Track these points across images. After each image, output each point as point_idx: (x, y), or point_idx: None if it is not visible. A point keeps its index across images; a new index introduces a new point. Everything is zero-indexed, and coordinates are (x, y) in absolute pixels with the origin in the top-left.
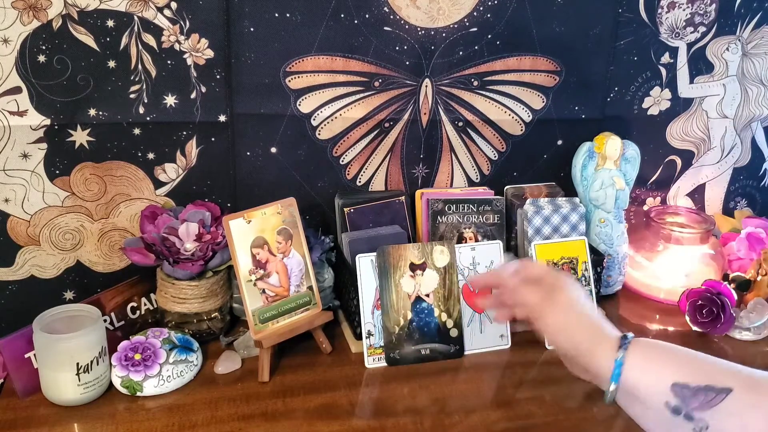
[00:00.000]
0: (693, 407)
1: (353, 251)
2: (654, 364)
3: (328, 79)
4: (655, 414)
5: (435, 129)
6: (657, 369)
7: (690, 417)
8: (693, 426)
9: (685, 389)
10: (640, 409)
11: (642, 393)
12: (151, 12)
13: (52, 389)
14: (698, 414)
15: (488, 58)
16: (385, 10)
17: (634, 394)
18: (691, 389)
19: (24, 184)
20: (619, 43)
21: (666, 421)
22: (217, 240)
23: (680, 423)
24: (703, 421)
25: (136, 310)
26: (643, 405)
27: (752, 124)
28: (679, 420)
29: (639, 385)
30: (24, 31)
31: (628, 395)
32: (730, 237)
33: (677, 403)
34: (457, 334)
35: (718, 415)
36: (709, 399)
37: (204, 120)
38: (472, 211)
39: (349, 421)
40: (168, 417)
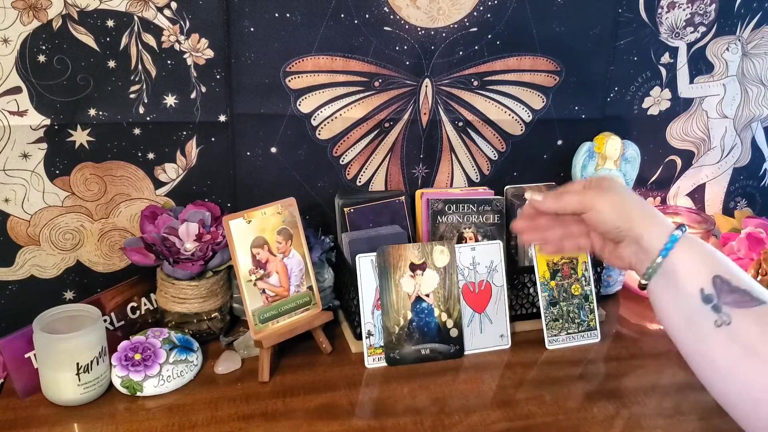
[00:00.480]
0: (725, 301)
1: (353, 251)
2: (704, 255)
3: (328, 79)
4: (683, 300)
5: (435, 129)
6: (705, 259)
7: (718, 308)
8: (716, 318)
9: (725, 284)
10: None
11: (681, 275)
12: (151, 12)
13: (52, 389)
14: (727, 309)
15: (488, 58)
16: (385, 10)
17: (673, 276)
18: (731, 286)
19: (24, 184)
20: (619, 43)
21: (692, 308)
22: (217, 240)
23: (705, 312)
24: (728, 317)
25: (136, 310)
26: (675, 290)
27: (752, 124)
28: (706, 309)
29: (683, 266)
30: (24, 31)
31: (666, 277)
32: (730, 237)
33: (712, 292)
34: (457, 334)
35: (744, 317)
36: (744, 300)
37: (204, 120)
38: (472, 211)
39: (349, 421)
40: (168, 417)
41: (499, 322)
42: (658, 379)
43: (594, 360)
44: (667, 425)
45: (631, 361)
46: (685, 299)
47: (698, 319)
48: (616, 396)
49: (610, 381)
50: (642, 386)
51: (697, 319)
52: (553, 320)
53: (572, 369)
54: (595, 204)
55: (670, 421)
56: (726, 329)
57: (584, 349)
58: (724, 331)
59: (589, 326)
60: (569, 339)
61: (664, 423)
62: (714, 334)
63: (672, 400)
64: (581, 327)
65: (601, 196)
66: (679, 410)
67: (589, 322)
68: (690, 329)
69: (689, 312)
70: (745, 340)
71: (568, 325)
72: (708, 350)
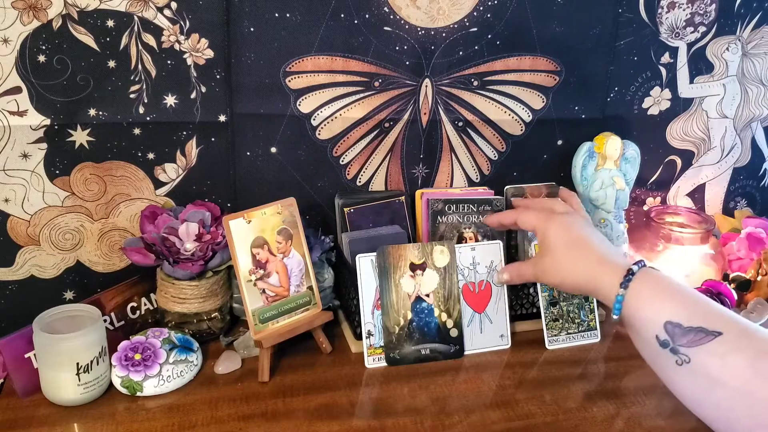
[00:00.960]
0: (680, 343)
1: (353, 251)
2: (652, 301)
3: (328, 79)
4: (645, 345)
5: (435, 129)
6: (654, 306)
7: (675, 351)
8: (676, 358)
9: (677, 328)
10: (633, 335)
11: (636, 324)
12: (151, 12)
13: (52, 389)
14: (683, 350)
15: (488, 58)
16: (385, 10)
17: (632, 325)
18: (683, 329)
19: (24, 184)
20: (619, 43)
21: (653, 352)
22: (217, 240)
23: (665, 354)
24: (686, 356)
25: (136, 310)
26: (636, 336)
27: (752, 124)
28: (665, 352)
29: (637, 317)
30: (24, 31)
31: (627, 325)
32: (730, 237)
33: (666, 338)
34: (457, 334)
35: (702, 353)
36: (698, 339)
37: (204, 120)
38: (472, 211)
39: (349, 421)
40: (168, 417)
41: (499, 322)
42: (658, 379)
43: (594, 360)
44: (667, 425)
45: (631, 361)
46: (646, 344)
47: (660, 361)
48: (616, 396)
49: (610, 381)
50: (642, 386)
51: (659, 360)
52: (553, 320)
53: (572, 369)
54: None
55: (670, 421)
56: (687, 367)
57: (584, 349)
58: (685, 368)
59: (589, 326)
60: (569, 339)
61: (664, 423)
62: (678, 373)
63: (672, 400)
64: (581, 327)
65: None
66: (679, 410)
67: (589, 322)
68: (657, 367)
69: (652, 355)
70: (707, 374)
71: (568, 325)
72: (676, 386)
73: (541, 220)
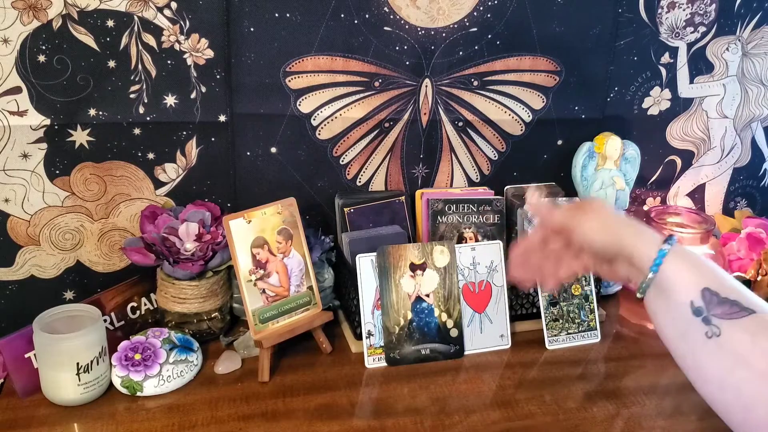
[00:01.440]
0: (714, 313)
1: (353, 251)
2: (692, 267)
3: (328, 79)
4: (675, 311)
5: (435, 129)
6: (694, 271)
7: (707, 321)
8: (707, 330)
9: (714, 296)
10: (663, 308)
11: (672, 288)
12: (151, 12)
13: (52, 389)
14: (716, 320)
15: (488, 58)
16: (385, 10)
17: (665, 290)
18: (720, 298)
19: (24, 184)
20: (619, 43)
21: (683, 320)
22: (217, 240)
23: (695, 324)
24: (717, 328)
25: (136, 310)
26: (667, 303)
27: (752, 124)
28: (696, 321)
29: (673, 280)
30: (24, 31)
31: (658, 291)
32: (730, 237)
33: (701, 305)
34: (457, 334)
35: (734, 328)
36: (732, 312)
37: (204, 120)
38: (472, 211)
39: (349, 421)
40: (168, 417)
41: (499, 322)
42: (658, 379)
43: (594, 360)
44: (667, 425)
45: (631, 361)
46: (677, 312)
47: (690, 331)
48: (616, 396)
49: (610, 381)
50: (642, 386)
51: (688, 331)
52: (553, 320)
53: (572, 369)
54: (581, 224)
55: (670, 421)
56: (716, 340)
57: (584, 349)
58: (714, 342)
59: (589, 326)
60: (569, 339)
61: (664, 423)
62: (705, 346)
63: (672, 400)
64: (581, 327)
65: (586, 216)
66: (679, 410)
67: (589, 322)
68: (683, 341)
69: (681, 324)
70: (735, 351)
71: (568, 325)
72: (700, 361)
73: (573, 205)
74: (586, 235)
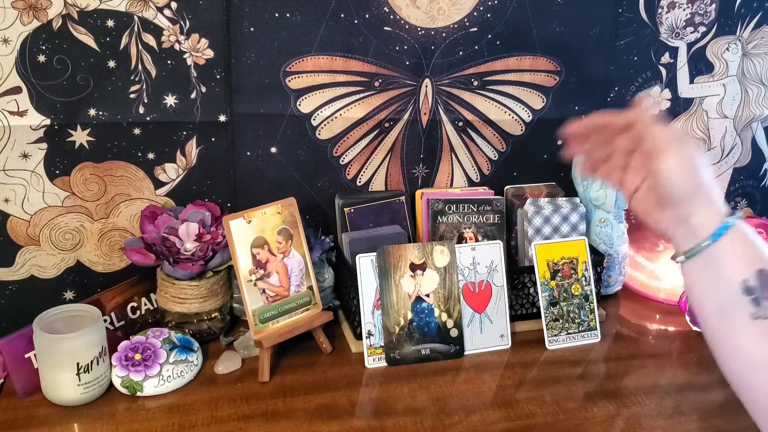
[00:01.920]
0: (766, 296)
1: (353, 251)
2: (751, 246)
3: (328, 79)
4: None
5: (435, 129)
6: (753, 251)
7: (758, 301)
8: (755, 311)
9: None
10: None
11: (726, 263)
12: (151, 12)
13: (52, 389)
14: (767, 303)
15: (488, 58)
16: (385, 10)
17: (716, 262)
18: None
19: (24, 184)
20: (619, 43)
21: (730, 297)
22: (217, 240)
23: (743, 303)
24: (766, 311)
25: (136, 310)
26: (715, 275)
27: (752, 124)
28: (745, 300)
29: (729, 254)
30: (24, 31)
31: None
32: None
33: (755, 284)
34: (457, 334)
35: None
36: None
37: (204, 120)
38: (472, 211)
39: (349, 421)
40: (168, 417)
41: (500, 322)
42: (658, 379)
43: (594, 360)
44: (667, 425)
45: (631, 361)
46: (725, 287)
47: (734, 309)
48: (616, 396)
49: (610, 381)
50: (642, 386)
51: (732, 308)
52: (554, 320)
53: (572, 369)
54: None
55: (670, 421)
56: (762, 323)
57: (584, 349)
58: (759, 324)
59: (589, 326)
60: (569, 339)
61: (664, 423)
62: (748, 327)
63: (672, 400)
64: (581, 327)
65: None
66: (679, 410)
67: (589, 322)
68: (723, 317)
69: (726, 300)
70: None
71: (569, 325)
72: (739, 341)
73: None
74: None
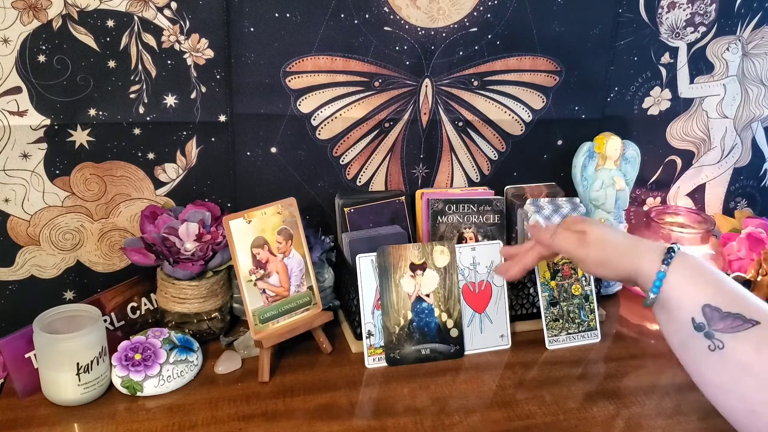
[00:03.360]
0: (716, 328)
1: (353, 251)
2: (692, 283)
3: (328, 79)
4: (678, 327)
5: (435, 129)
6: (696, 288)
7: (710, 335)
8: (709, 343)
9: (715, 312)
10: (666, 320)
11: (673, 305)
12: (151, 12)
13: (52, 389)
14: (719, 335)
15: (488, 58)
16: (385, 10)
17: (667, 305)
18: (721, 314)
19: (24, 184)
20: (619, 43)
21: (685, 333)
22: (217, 240)
23: (698, 338)
24: (720, 342)
25: (136, 310)
26: (669, 317)
27: (752, 124)
28: (698, 336)
29: (675, 296)
30: (24, 31)
31: (661, 305)
32: (730, 237)
33: (702, 321)
34: (457, 334)
35: (737, 340)
36: (735, 325)
37: (204, 120)
38: (472, 211)
39: (349, 421)
40: (168, 417)
41: (500, 322)
42: (658, 379)
43: (594, 360)
44: (667, 425)
45: (631, 361)
46: (679, 326)
47: (692, 344)
48: (616, 396)
49: (610, 381)
50: (642, 386)
51: (690, 343)
52: (554, 320)
53: (572, 369)
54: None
55: (670, 421)
56: (719, 353)
57: (584, 349)
58: (717, 354)
59: (590, 326)
60: (569, 339)
61: (664, 423)
62: (708, 358)
63: (672, 400)
64: (581, 327)
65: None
66: (679, 410)
67: (590, 322)
68: (686, 351)
69: (683, 337)
70: (739, 361)
71: (569, 325)
72: (704, 370)
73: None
74: (590, 269)
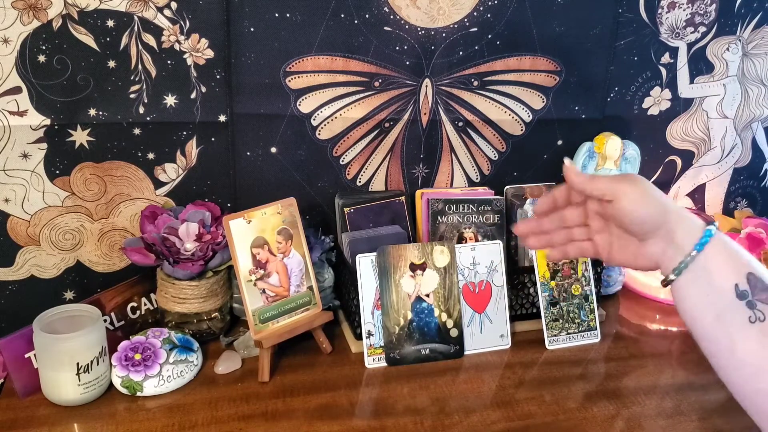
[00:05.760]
0: (759, 298)
1: (353, 251)
2: (735, 252)
3: (328, 79)
4: (716, 296)
5: (435, 129)
6: (737, 256)
7: (752, 305)
8: (750, 314)
9: (758, 281)
10: (700, 291)
11: (715, 271)
12: (151, 12)
13: (52, 389)
14: (761, 305)
15: (488, 58)
16: (385, 10)
17: (706, 272)
18: (764, 284)
19: (24, 184)
20: (619, 43)
21: (724, 304)
22: (217, 240)
23: (739, 307)
24: (762, 313)
25: (136, 310)
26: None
27: (752, 124)
28: (740, 305)
29: (717, 262)
30: (24, 31)
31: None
32: (730, 237)
33: (746, 288)
34: (457, 334)
35: None
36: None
37: (204, 120)
38: (472, 211)
39: (349, 421)
40: (168, 417)
41: (499, 322)
42: (658, 379)
43: (594, 360)
44: (667, 425)
45: (631, 361)
46: (718, 295)
47: (730, 315)
48: (616, 396)
49: (610, 381)
50: (642, 386)
51: (729, 314)
52: (553, 320)
53: (572, 369)
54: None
55: (670, 421)
56: (760, 326)
57: (584, 349)
58: (757, 327)
59: (589, 326)
60: (569, 339)
61: (664, 423)
62: (746, 330)
63: (672, 400)
64: (581, 327)
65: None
66: (679, 410)
67: (589, 322)
68: (720, 325)
69: (721, 308)
70: None
71: (568, 325)
72: (738, 346)
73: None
74: (632, 204)
